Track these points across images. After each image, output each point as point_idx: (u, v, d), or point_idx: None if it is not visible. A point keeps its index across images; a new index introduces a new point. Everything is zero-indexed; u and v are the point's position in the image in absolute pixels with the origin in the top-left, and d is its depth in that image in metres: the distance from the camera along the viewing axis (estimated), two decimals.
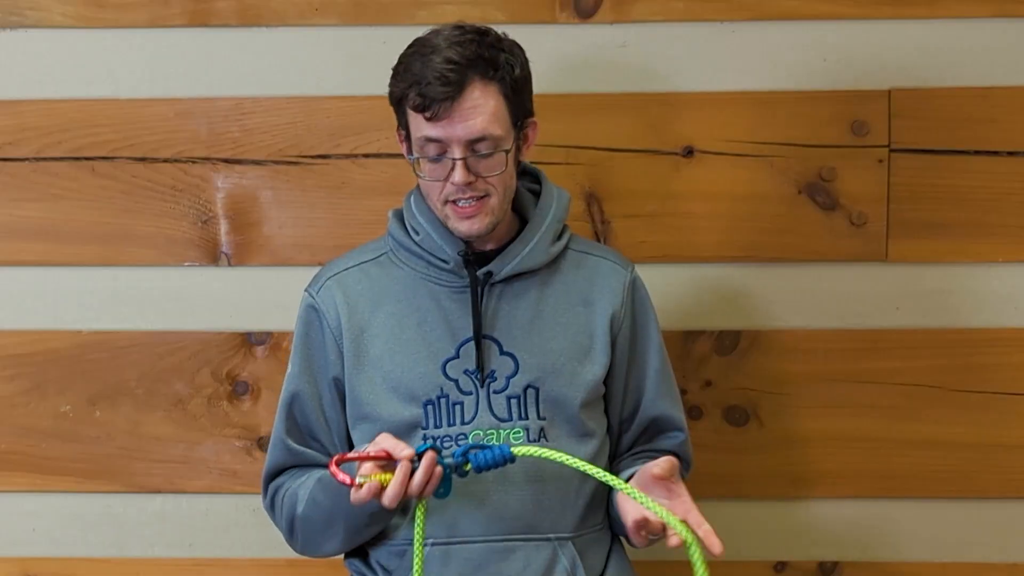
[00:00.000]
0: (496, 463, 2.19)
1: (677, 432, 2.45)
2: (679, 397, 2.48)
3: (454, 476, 2.19)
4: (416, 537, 2.21)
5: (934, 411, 2.75)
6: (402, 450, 2.16)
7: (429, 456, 2.15)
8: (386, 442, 2.18)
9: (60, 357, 2.80)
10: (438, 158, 2.27)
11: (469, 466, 2.19)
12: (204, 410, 2.80)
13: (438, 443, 2.28)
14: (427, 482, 2.15)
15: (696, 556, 2.09)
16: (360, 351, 2.37)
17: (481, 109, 2.25)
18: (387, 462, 2.17)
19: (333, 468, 2.15)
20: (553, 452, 2.17)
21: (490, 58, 2.26)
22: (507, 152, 2.28)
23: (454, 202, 2.29)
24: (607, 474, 2.16)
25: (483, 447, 2.20)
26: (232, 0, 2.74)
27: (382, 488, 2.14)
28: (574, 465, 2.16)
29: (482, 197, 2.29)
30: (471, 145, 2.26)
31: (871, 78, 2.71)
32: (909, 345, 2.75)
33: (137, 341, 2.80)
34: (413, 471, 2.15)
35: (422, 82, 2.24)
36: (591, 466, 2.16)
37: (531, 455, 2.18)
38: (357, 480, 2.13)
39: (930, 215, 2.73)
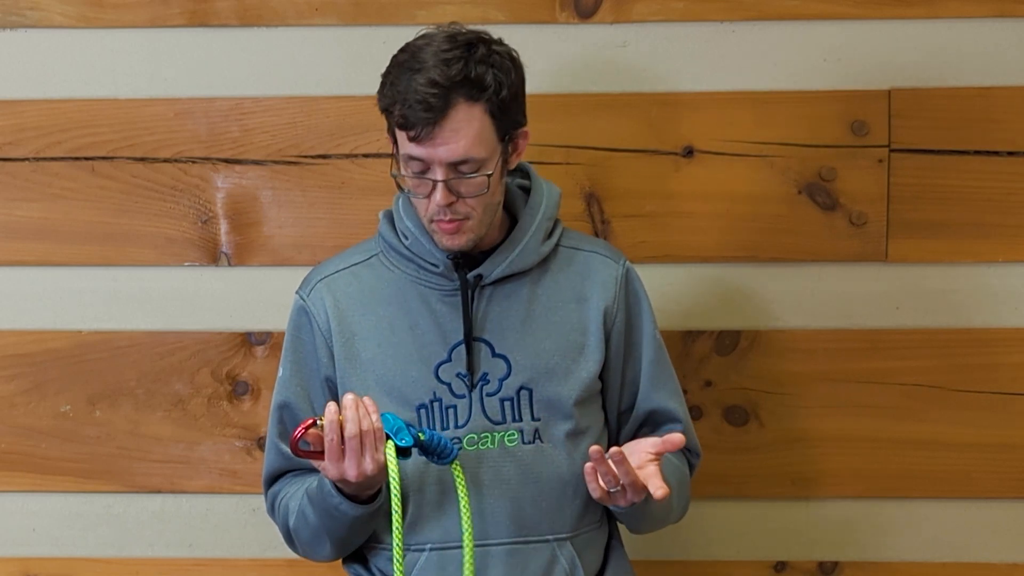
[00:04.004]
0: (440, 449, 2.24)
1: (674, 423, 2.43)
2: (678, 388, 2.46)
3: (404, 438, 2.22)
4: (392, 482, 2.21)
5: (934, 411, 2.75)
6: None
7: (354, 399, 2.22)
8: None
9: (60, 357, 2.80)
10: (422, 175, 2.27)
11: (424, 435, 2.23)
12: (204, 410, 2.80)
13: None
14: (368, 413, 2.19)
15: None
16: (352, 354, 2.36)
17: (464, 132, 2.23)
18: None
19: (292, 436, 2.19)
20: (464, 493, 2.25)
21: (476, 78, 2.23)
22: (489, 176, 2.26)
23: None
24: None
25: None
26: (232, 0, 2.74)
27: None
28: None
29: (463, 219, 2.28)
30: (453, 167, 2.25)
31: (871, 78, 2.71)
32: (909, 345, 2.74)
33: (137, 341, 2.80)
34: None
35: (405, 103, 2.22)
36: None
37: (457, 477, 2.25)
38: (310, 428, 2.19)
39: (930, 215, 2.73)
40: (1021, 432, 2.75)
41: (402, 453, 2.22)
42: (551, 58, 2.72)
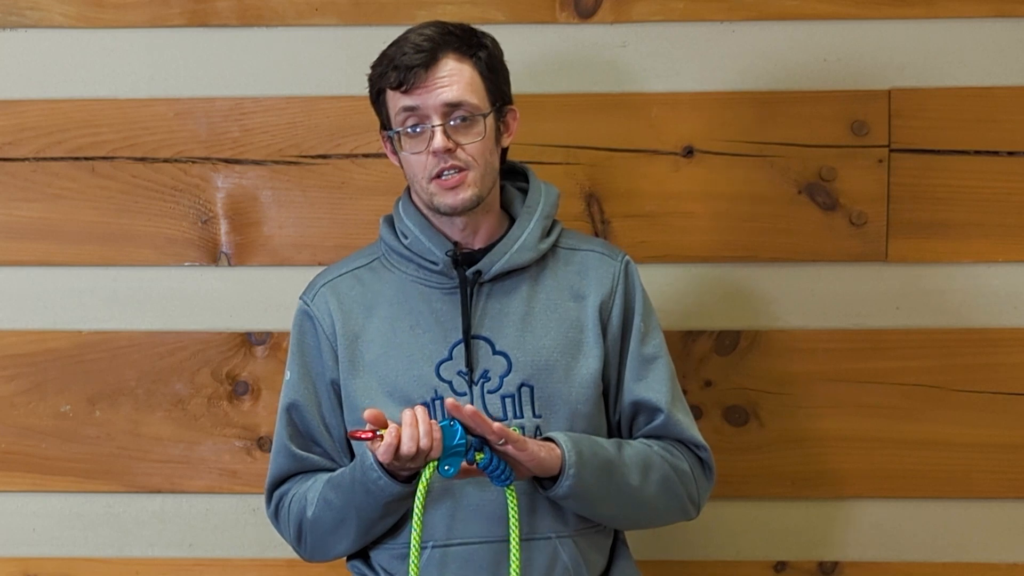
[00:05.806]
0: (499, 473, 2.22)
1: (656, 412, 2.39)
2: (665, 378, 2.40)
3: (453, 465, 2.21)
4: (417, 502, 2.21)
5: (934, 411, 2.75)
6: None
7: (425, 413, 2.21)
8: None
9: (60, 357, 2.80)
10: (417, 128, 2.30)
11: (482, 456, 2.21)
12: (204, 410, 2.80)
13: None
14: (431, 432, 2.17)
15: None
16: (355, 357, 2.37)
17: (456, 78, 2.29)
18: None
19: (354, 432, 2.21)
20: (514, 515, 2.24)
21: (463, 37, 2.32)
22: (485, 117, 2.30)
23: (438, 176, 2.30)
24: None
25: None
26: (232, 0, 2.75)
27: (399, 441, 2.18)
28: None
29: (463, 170, 2.30)
30: (449, 113, 2.29)
31: (871, 78, 2.72)
32: (909, 345, 2.75)
33: (137, 341, 2.80)
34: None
35: (397, 57, 2.30)
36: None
37: (512, 505, 2.24)
38: (378, 433, 2.19)
39: (930, 215, 2.73)
40: (1021, 432, 2.75)
41: (457, 453, 2.21)
42: (551, 58, 2.72)
